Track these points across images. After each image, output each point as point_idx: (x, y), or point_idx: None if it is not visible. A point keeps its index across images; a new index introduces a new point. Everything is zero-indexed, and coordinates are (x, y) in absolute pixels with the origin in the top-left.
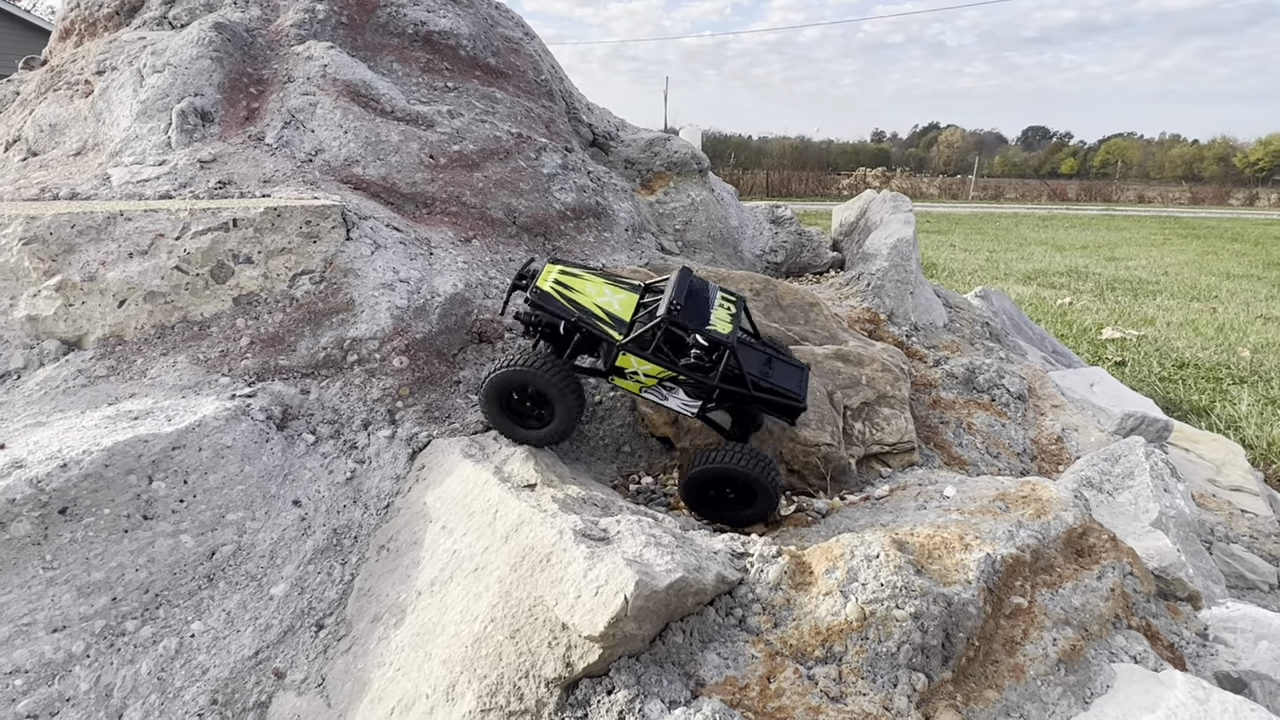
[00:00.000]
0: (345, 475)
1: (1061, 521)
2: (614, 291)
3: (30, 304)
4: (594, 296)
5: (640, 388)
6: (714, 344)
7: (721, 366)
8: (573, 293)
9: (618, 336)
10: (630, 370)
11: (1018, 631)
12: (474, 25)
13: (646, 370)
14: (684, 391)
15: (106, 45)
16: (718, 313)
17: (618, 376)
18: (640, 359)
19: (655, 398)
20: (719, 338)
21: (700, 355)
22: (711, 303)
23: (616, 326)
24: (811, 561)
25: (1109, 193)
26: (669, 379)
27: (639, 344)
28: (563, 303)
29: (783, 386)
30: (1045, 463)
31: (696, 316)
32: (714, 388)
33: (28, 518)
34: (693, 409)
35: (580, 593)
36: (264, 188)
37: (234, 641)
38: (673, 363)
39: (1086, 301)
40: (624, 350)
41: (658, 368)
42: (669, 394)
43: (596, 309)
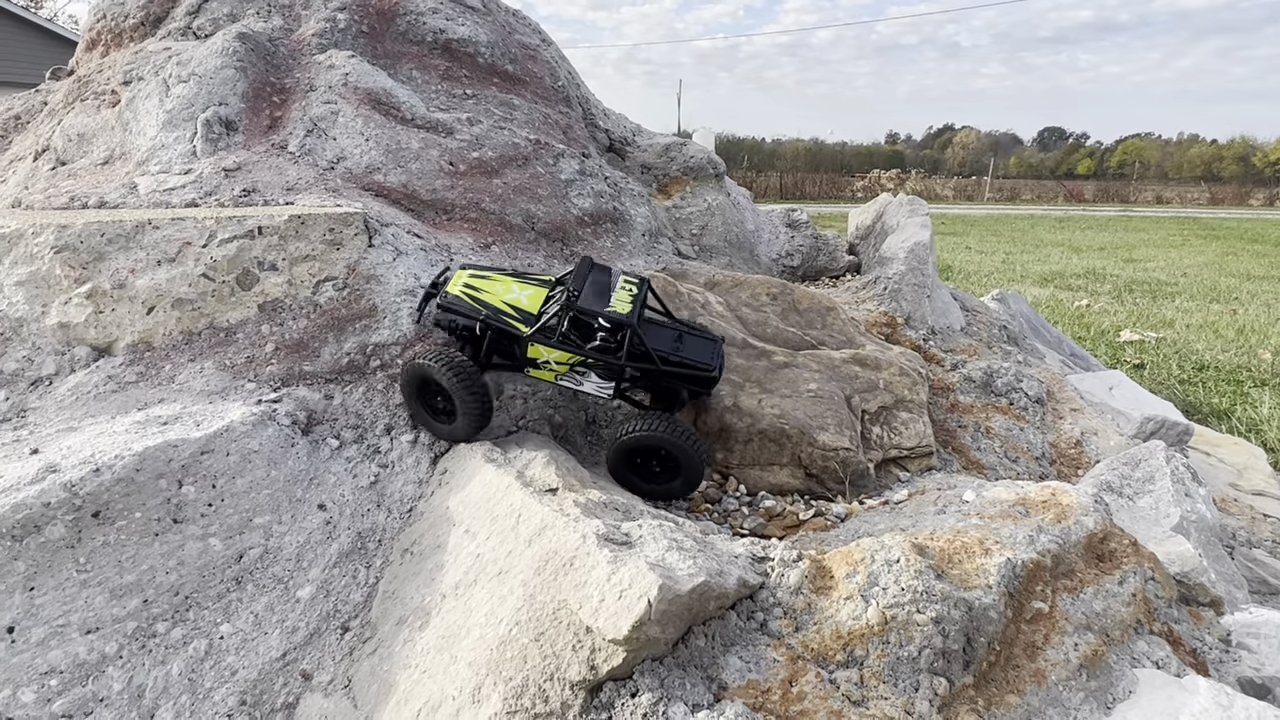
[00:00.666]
0: (369, 479)
1: (1082, 526)
2: (522, 288)
3: (62, 311)
4: (501, 295)
5: (555, 376)
6: (615, 324)
7: (626, 345)
8: (481, 293)
9: (524, 329)
10: (542, 360)
11: (1039, 636)
12: (492, 33)
13: (557, 358)
14: (596, 375)
15: (133, 56)
16: (618, 295)
17: (532, 368)
18: (549, 348)
19: (570, 384)
20: (618, 318)
21: (605, 337)
22: (613, 286)
23: (524, 320)
24: (832, 566)
25: (1126, 193)
26: (579, 364)
27: (545, 333)
28: (471, 304)
29: (692, 358)
30: (1064, 467)
31: (597, 300)
32: (622, 367)
33: (62, 521)
34: (607, 390)
35: (604, 596)
36: (287, 195)
37: (262, 643)
38: (579, 348)
39: (1104, 303)
40: (532, 341)
41: (567, 354)
42: (583, 379)
43: (504, 305)
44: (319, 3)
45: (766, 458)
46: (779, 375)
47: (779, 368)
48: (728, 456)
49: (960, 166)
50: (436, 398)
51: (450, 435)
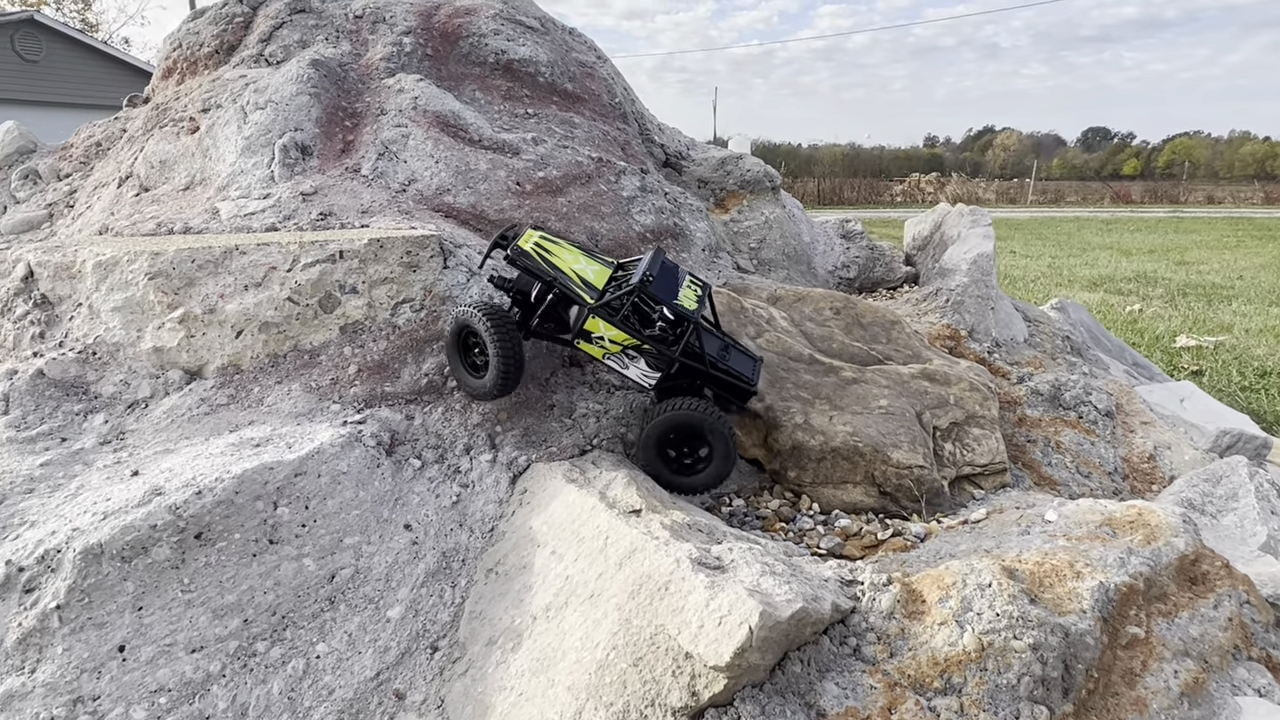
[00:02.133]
0: (451, 499)
1: (1173, 548)
2: (589, 262)
3: (155, 335)
4: (570, 262)
5: (604, 354)
6: (679, 318)
7: (684, 341)
8: (551, 256)
9: (589, 299)
10: (597, 335)
11: (1136, 663)
12: (551, 52)
13: (613, 336)
14: (645, 362)
15: (210, 84)
16: (685, 292)
17: (584, 340)
18: (608, 324)
19: (617, 365)
20: (685, 312)
21: (665, 328)
22: (681, 282)
23: (589, 291)
24: (923, 590)
25: (1176, 194)
26: (633, 347)
27: (610, 309)
28: (540, 263)
29: (737, 370)
30: (1138, 482)
31: (667, 291)
32: (674, 360)
33: (167, 542)
34: (651, 380)
35: (703, 622)
36: (362, 218)
37: (356, 662)
38: (638, 332)
39: (1157, 308)
40: (594, 314)
41: (623, 335)
42: (630, 362)
43: (572, 273)
44: (385, 28)
45: (840, 476)
46: (848, 392)
47: (848, 384)
48: (800, 475)
49: (1001, 169)
50: (475, 351)
51: (480, 390)
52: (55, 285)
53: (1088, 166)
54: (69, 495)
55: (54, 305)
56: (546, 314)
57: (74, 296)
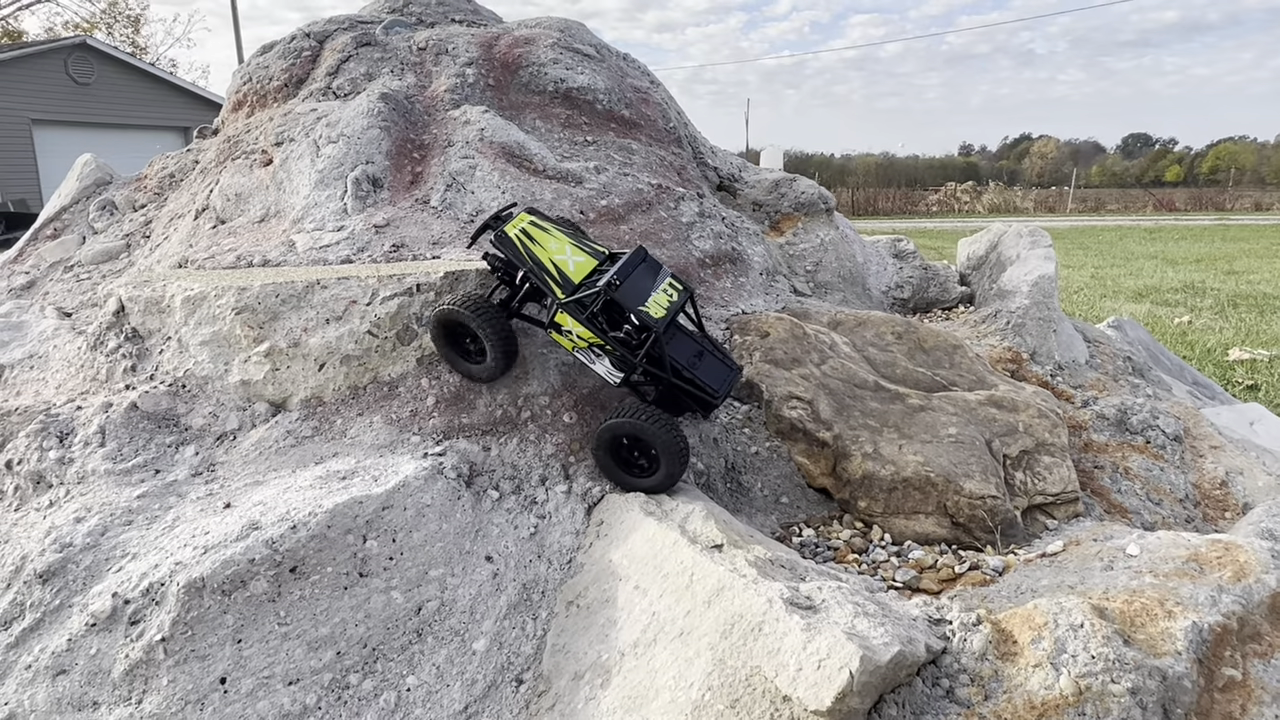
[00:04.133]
0: (529, 531)
1: (1264, 585)
2: (574, 253)
3: (242, 369)
4: (553, 253)
5: (573, 347)
6: (642, 325)
7: (645, 349)
8: (534, 245)
9: (560, 295)
10: (566, 329)
11: (1235, 706)
12: (608, 79)
13: (580, 333)
14: (609, 360)
15: (282, 118)
16: (657, 296)
17: (555, 332)
18: (575, 321)
19: (585, 359)
20: (648, 320)
21: (629, 332)
22: (656, 286)
23: (563, 285)
24: (1013, 630)
25: (1221, 201)
26: (598, 345)
27: (577, 307)
28: (521, 251)
29: (703, 379)
30: (1210, 509)
31: (636, 295)
32: (635, 365)
33: (264, 576)
34: (616, 378)
35: (801, 665)
36: (433, 249)
37: (445, 695)
38: (603, 332)
39: (1207, 320)
40: (563, 309)
41: (589, 333)
42: (596, 359)
43: (550, 264)
44: (448, 59)
45: (911, 506)
46: (916, 419)
47: (915, 411)
48: (871, 505)
49: (1039, 177)
50: (466, 340)
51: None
52: (145, 319)
53: (1128, 174)
54: (166, 527)
55: (144, 339)
56: (526, 298)
57: (163, 330)
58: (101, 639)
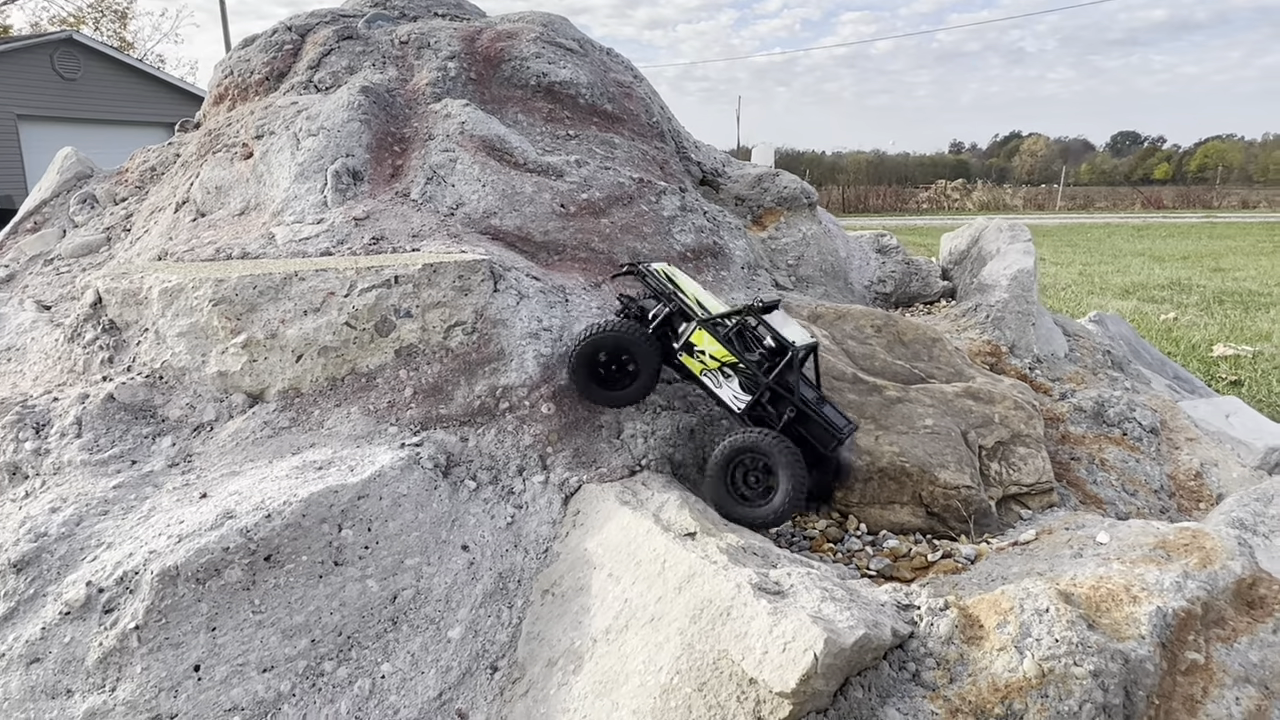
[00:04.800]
0: (506, 520)
1: (1229, 571)
2: (709, 296)
3: (220, 360)
4: (694, 290)
5: (701, 369)
6: (782, 345)
7: (780, 367)
8: (676, 280)
9: (699, 312)
10: (699, 349)
11: (1197, 690)
12: (590, 73)
13: (714, 352)
14: (738, 382)
15: (263, 111)
16: (792, 329)
17: (686, 353)
18: (713, 339)
19: (710, 382)
20: (787, 341)
21: (764, 355)
22: (789, 325)
23: (702, 309)
24: (980, 614)
25: (1209, 199)
26: (730, 365)
27: (716, 325)
28: (664, 281)
29: (827, 416)
30: (1185, 500)
31: (777, 324)
32: (764, 385)
33: (239, 565)
34: (740, 403)
35: (767, 648)
36: (413, 242)
37: (419, 682)
38: (739, 351)
39: (1193, 316)
40: (702, 325)
41: (724, 351)
42: (724, 381)
43: (691, 295)
44: (430, 53)
45: (887, 496)
46: (893, 411)
47: (892, 403)
48: (847, 495)
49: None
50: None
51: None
52: (123, 311)
53: (1117, 171)
54: (142, 517)
55: (121, 330)
56: (659, 329)
57: (140, 322)
58: (75, 627)
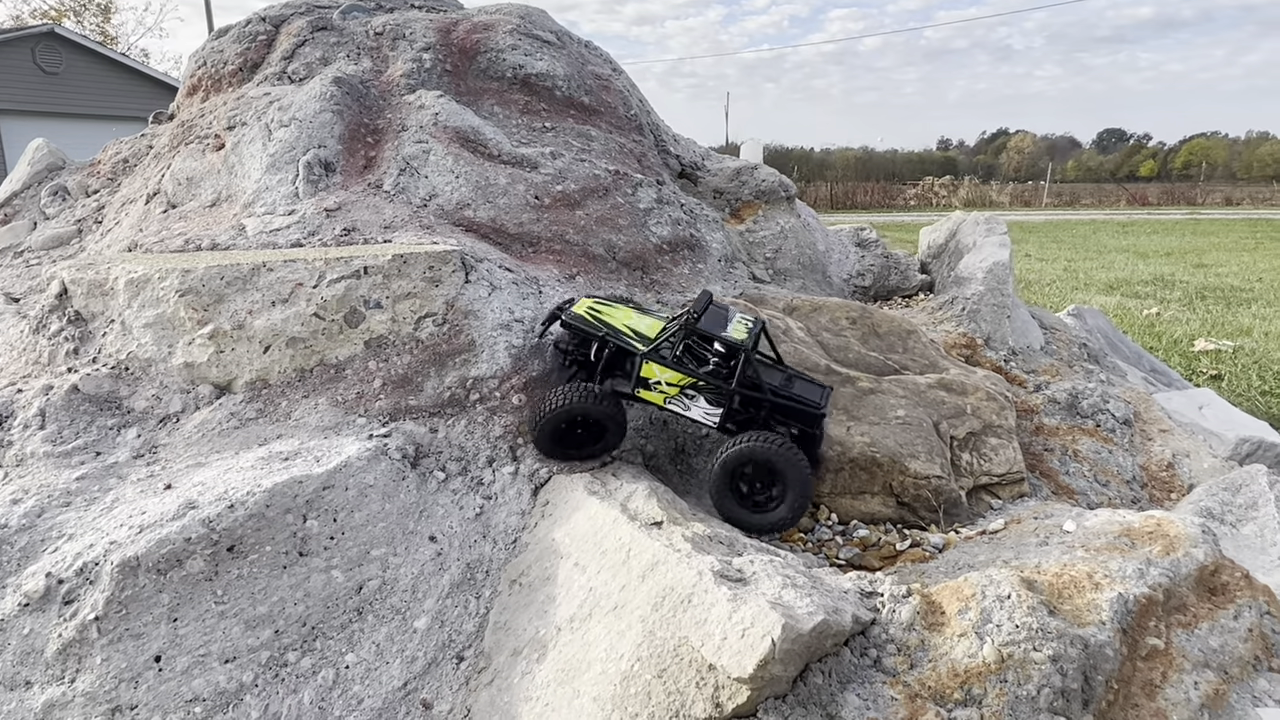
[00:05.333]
0: (474, 511)
1: (1192, 559)
2: (640, 317)
3: (186, 351)
4: (622, 319)
5: (664, 398)
6: (730, 348)
7: (739, 372)
8: (603, 315)
9: (640, 347)
10: (654, 380)
11: (1156, 674)
12: (568, 66)
13: (669, 379)
14: (705, 400)
15: (235, 102)
16: (735, 326)
17: (642, 389)
18: (663, 367)
19: (678, 408)
20: (734, 342)
21: (718, 363)
22: (730, 320)
23: (641, 341)
24: (942, 601)
25: (1193, 195)
26: (690, 386)
27: (660, 353)
28: (593, 322)
29: (800, 395)
30: (1156, 490)
31: (716, 326)
32: (731, 393)
33: (201, 555)
34: (714, 418)
35: (726, 635)
36: (385, 233)
37: (384, 673)
38: (692, 370)
39: (1175, 311)
40: (646, 359)
41: (679, 375)
42: (691, 403)
43: (624, 327)
44: (405, 44)
45: (858, 486)
46: (865, 402)
47: (865, 394)
48: (819, 485)
49: (1015, 172)
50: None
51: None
52: (88, 302)
53: (1103, 169)
54: (105, 508)
55: (87, 322)
56: (606, 370)
57: (106, 313)
58: (34, 619)
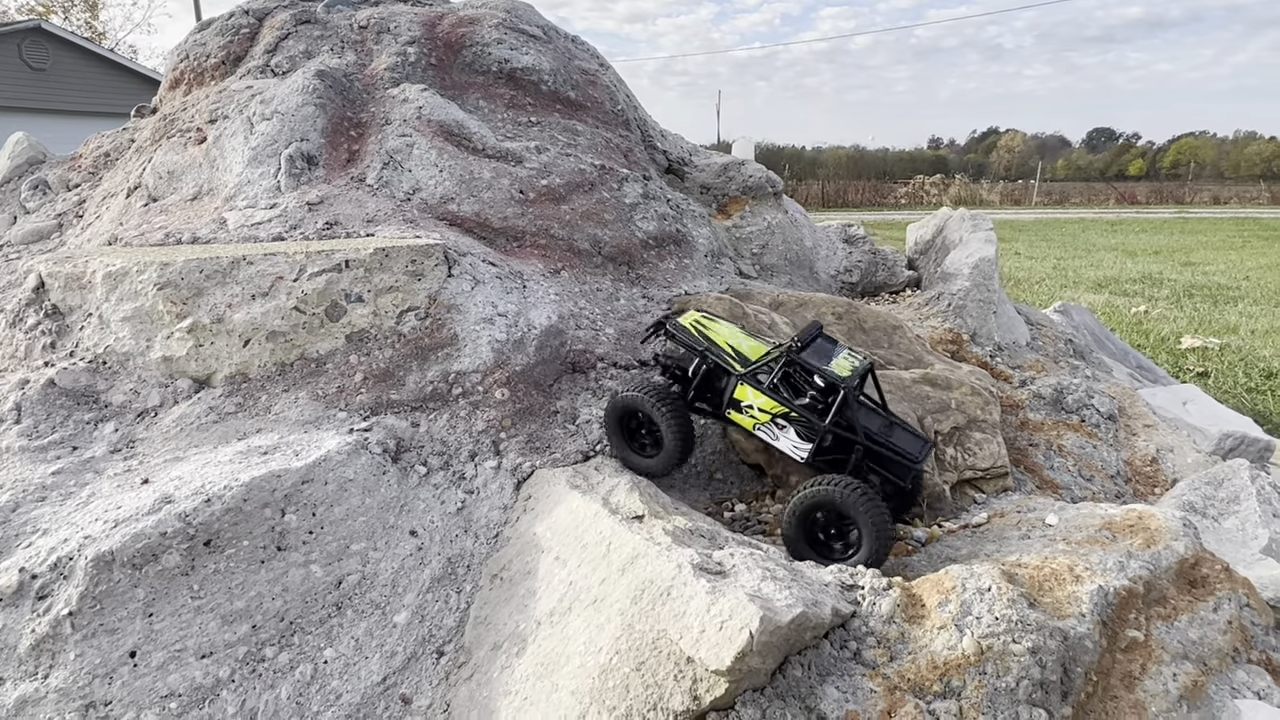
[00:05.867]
0: (456, 505)
1: (1173, 551)
2: (746, 339)
3: (165, 345)
4: (726, 337)
5: (754, 424)
6: (830, 384)
7: (835, 410)
8: (707, 331)
9: (739, 367)
10: (746, 404)
11: (1135, 666)
12: (554, 60)
13: (761, 405)
14: (795, 431)
15: (217, 95)
16: (839, 362)
17: (734, 410)
18: (757, 392)
19: (766, 436)
20: (834, 378)
21: (815, 397)
22: (836, 355)
23: (740, 361)
24: (922, 594)
25: (1181, 194)
26: (781, 415)
27: (757, 377)
28: (695, 334)
29: (898, 445)
30: (1140, 485)
31: (820, 358)
32: (823, 430)
33: (177, 550)
34: (802, 452)
35: (704, 627)
36: (368, 227)
37: (363, 668)
38: (786, 400)
39: (1163, 309)
40: (743, 381)
41: (772, 403)
42: (780, 433)
43: (726, 345)
44: (389, 38)
45: None
46: None
47: None
48: (802, 480)
49: (1006, 170)
50: (642, 430)
51: (652, 468)
52: (66, 296)
53: (1093, 167)
54: (81, 503)
55: (64, 315)
56: (701, 386)
57: (84, 307)
58: (7, 614)
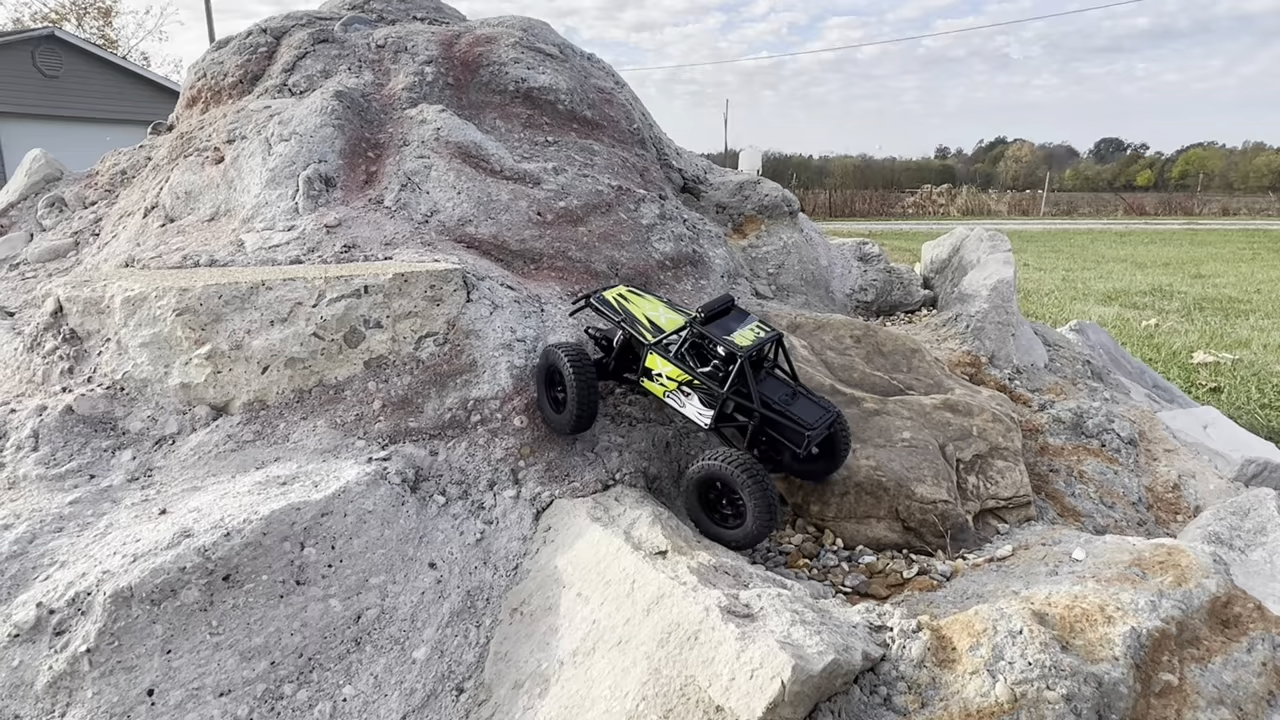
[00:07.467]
0: (475, 536)
1: (1204, 590)
2: (666, 310)
3: (183, 372)
4: (646, 309)
5: (664, 391)
6: (728, 353)
7: (731, 377)
8: (628, 304)
9: (649, 337)
10: (656, 372)
11: (1170, 712)
12: (570, 79)
13: (669, 373)
14: (699, 399)
15: (235, 115)
16: (743, 333)
17: (646, 379)
18: (665, 360)
19: (675, 403)
20: (732, 347)
21: (717, 365)
22: (743, 326)
23: (654, 332)
24: (953, 636)
25: (1190, 205)
26: (687, 383)
27: (665, 347)
28: (615, 307)
29: (796, 414)
30: (1162, 512)
31: (722, 330)
32: (721, 396)
33: (196, 585)
34: (705, 419)
35: (734, 675)
36: (386, 250)
37: (382, 705)
38: (691, 368)
39: (1174, 323)
40: (653, 350)
41: (679, 371)
42: (686, 400)
43: (643, 317)
44: (407, 57)
45: (863, 510)
46: (871, 424)
47: (870, 415)
48: (823, 509)
49: (1013, 180)
50: (558, 389)
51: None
52: (84, 320)
53: (1100, 178)
54: (98, 534)
55: (83, 340)
56: (621, 356)
57: (102, 332)
58: (24, 650)
